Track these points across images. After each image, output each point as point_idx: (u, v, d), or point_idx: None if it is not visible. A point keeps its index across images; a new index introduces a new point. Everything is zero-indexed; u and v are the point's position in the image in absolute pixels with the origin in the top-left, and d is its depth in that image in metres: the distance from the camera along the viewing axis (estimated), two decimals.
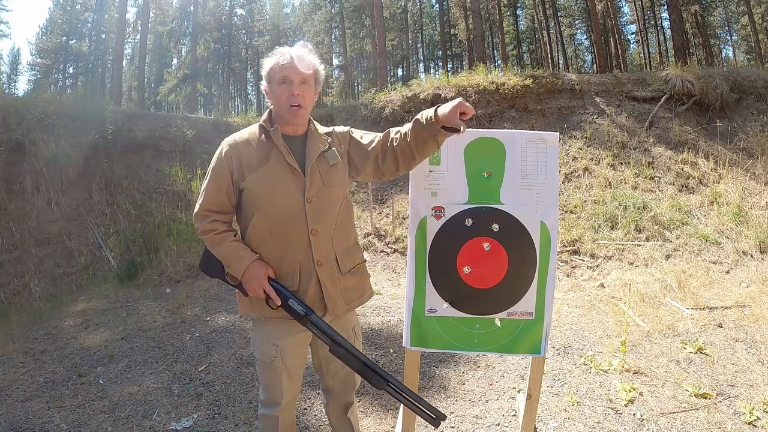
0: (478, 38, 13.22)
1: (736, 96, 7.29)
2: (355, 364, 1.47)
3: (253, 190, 1.47)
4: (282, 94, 1.46)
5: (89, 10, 27.74)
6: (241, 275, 1.47)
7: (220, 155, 1.52)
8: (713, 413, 2.31)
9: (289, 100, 1.45)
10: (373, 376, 1.46)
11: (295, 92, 1.45)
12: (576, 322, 3.64)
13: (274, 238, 1.49)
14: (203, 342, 3.52)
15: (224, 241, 1.50)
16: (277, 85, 1.47)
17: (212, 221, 1.51)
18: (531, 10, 26.77)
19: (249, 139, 1.52)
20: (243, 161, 1.48)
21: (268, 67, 1.49)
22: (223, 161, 1.50)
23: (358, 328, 1.72)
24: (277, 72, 1.46)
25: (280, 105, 1.48)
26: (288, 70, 1.45)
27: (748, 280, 4.32)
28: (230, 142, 1.52)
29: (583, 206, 5.88)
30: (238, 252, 1.48)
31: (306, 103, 1.49)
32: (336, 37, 27.82)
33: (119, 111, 8.36)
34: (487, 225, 1.71)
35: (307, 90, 1.49)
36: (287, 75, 1.45)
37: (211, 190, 1.52)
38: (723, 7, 23.65)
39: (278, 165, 1.48)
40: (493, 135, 1.76)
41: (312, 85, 1.51)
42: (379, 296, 4.45)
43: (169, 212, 6.41)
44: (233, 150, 1.50)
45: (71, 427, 2.44)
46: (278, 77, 1.46)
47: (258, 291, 1.46)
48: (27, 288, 5.16)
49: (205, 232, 1.51)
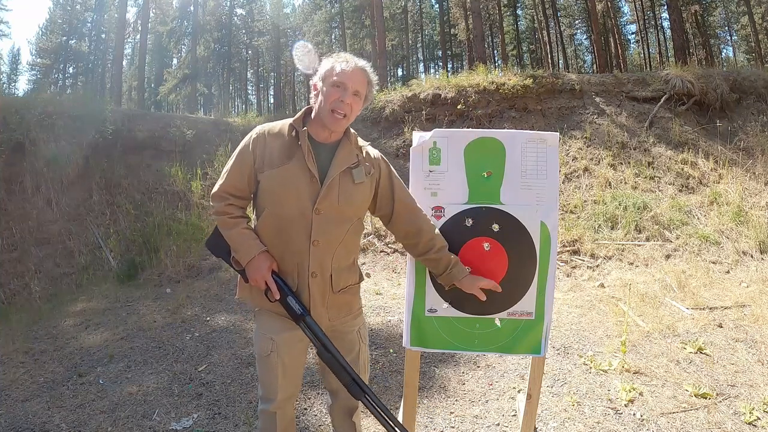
0: (478, 38, 13.22)
1: (736, 96, 7.29)
2: (339, 371, 1.49)
3: (268, 186, 1.48)
4: (331, 96, 1.45)
5: (89, 10, 27.74)
6: (246, 263, 1.48)
7: (248, 141, 1.52)
8: (713, 413, 2.31)
9: (335, 105, 1.45)
10: (353, 385, 1.49)
11: (346, 100, 1.45)
12: (576, 322, 3.64)
13: (278, 237, 1.50)
14: (203, 342, 3.52)
15: (236, 227, 1.51)
16: (331, 86, 1.46)
17: (228, 204, 1.53)
18: (531, 10, 26.76)
19: (279, 133, 1.52)
20: (266, 154, 1.49)
21: (328, 66, 1.49)
22: (249, 148, 1.51)
23: (364, 331, 1.70)
24: (335, 75, 1.46)
25: (326, 105, 1.47)
26: (347, 76, 1.45)
27: (748, 280, 4.32)
28: (260, 131, 1.53)
29: (583, 206, 5.88)
30: (248, 241, 1.49)
31: (351, 114, 1.49)
32: (336, 37, 27.83)
33: (119, 111, 8.36)
34: (487, 225, 1.71)
35: (356, 102, 1.49)
36: (344, 81, 1.45)
37: (233, 173, 1.53)
38: (723, 7, 23.65)
39: (298, 167, 1.47)
40: (493, 135, 1.77)
41: (362, 99, 1.52)
42: (379, 296, 4.45)
43: (169, 212, 6.41)
44: (260, 139, 1.51)
45: (71, 427, 2.44)
46: (334, 79, 1.46)
47: (260, 282, 1.47)
48: (27, 288, 5.16)
49: (219, 213, 1.52)
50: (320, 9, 26.29)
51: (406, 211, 1.61)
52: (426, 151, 1.76)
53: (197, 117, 10.26)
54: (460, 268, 1.63)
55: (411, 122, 7.52)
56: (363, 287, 1.74)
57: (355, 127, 1.68)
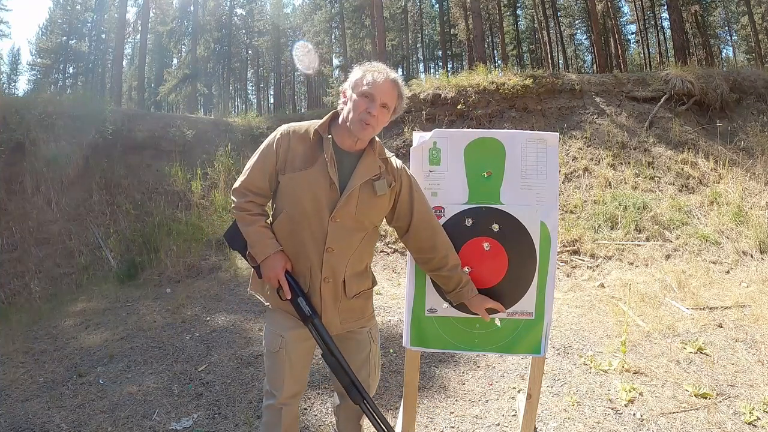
0: (478, 38, 13.21)
1: (736, 96, 7.29)
2: (341, 376, 1.51)
3: (287, 188, 1.49)
4: (360, 105, 1.45)
5: (89, 10, 27.76)
6: (261, 261, 1.50)
7: (273, 140, 1.53)
8: (713, 413, 2.31)
9: (363, 116, 1.45)
10: (353, 390, 1.50)
11: (373, 112, 1.45)
12: (576, 322, 3.64)
13: (293, 239, 1.51)
14: (203, 342, 3.52)
15: (254, 224, 1.52)
16: (360, 96, 1.46)
17: (249, 201, 1.54)
18: (531, 10, 26.77)
19: (304, 135, 1.52)
20: (289, 156, 1.49)
21: (359, 75, 1.49)
22: (273, 147, 1.52)
23: (376, 332, 1.70)
24: (366, 85, 1.46)
25: (354, 115, 1.46)
26: (377, 88, 1.45)
27: (748, 280, 4.32)
28: (285, 131, 1.53)
29: (583, 206, 5.88)
30: (265, 239, 1.50)
31: (378, 126, 1.49)
32: (336, 37, 27.82)
33: (119, 111, 8.35)
34: (487, 225, 1.72)
35: (383, 114, 1.49)
36: (373, 93, 1.45)
37: (256, 171, 1.53)
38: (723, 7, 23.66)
39: (319, 173, 1.47)
40: (493, 135, 1.76)
41: (389, 111, 1.52)
42: (379, 296, 4.45)
43: (169, 212, 6.41)
44: (284, 140, 1.51)
45: (71, 427, 2.44)
46: (364, 89, 1.46)
47: (273, 280, 1.49)
48: (27, 288, 5.16)
49: (239, 209, 1.53)
50: (320, 9, 26.27)
51: (423, 226, 1.59)
52: (426, 151, 1.76)
53: (197, 117, 10.25)
54: (471, 287, 1.64)
55: (411, 122, 7.53)
56: None
57: None
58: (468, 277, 1.65)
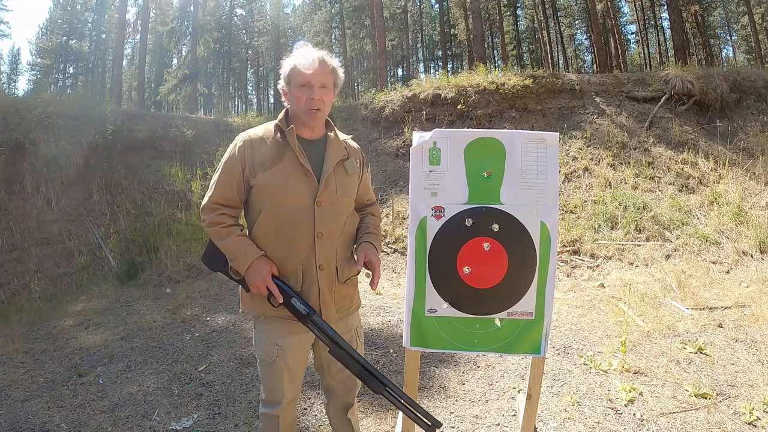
0: (478, 38, 13.21)
1: (736, 96, 7.29)
2: (354, 368, 1.47)
3: (264, 187, 1.48)
4: (301, 97, 1.46)
5: (89, 10, 27.76)
6: (244, 271, 1.47)
7: (234, 150, 1.52)
8: (713, 413, 2.31)
9: (308, 104, 1.46)
10: (372, 380, 1.47)
11: (315, 96, 1.46)
12: (576, 322, 3.64)
13: (279, 236, 1.49)
14: (203, 342, 3.52)
15: (230, 236, 1.49)
16: (297, 87, 1.47)
17: (220, 214, 1.51)
18: (531, 10, 26.78)
19: (264, 136, 1.52)
20: (256, 158, 1.49)
21: (288, 68, 1.49)
22: (236, 156, 1.51)
23: (360, 330, 1.74)
24: (298, 75, 1.46)
25: (299, 107, 1.48)
26: (309, 74, 1.45)
27: (748, 280, 4.31)
28: (245, 138, 1.53)
29: (583, 206, 5.88)
30: (243, 247, 1.47)
31: (325, 107, 1.50)
32: (336, 37, 27.85)
33: (119, 111, 8.36)
34: (487, 225, 1.71)
35: (326, 93, 1.50)
36: (308, 80, 1.45)
37: (222, 183, 1.52)
38: (723, 7, 23.67)
39: (291, 165, 1.48)
40: (493, 135, 1.76)
41: (331, 88, 1.52)
42: (379, 296, 4.45)
43: (169, 212, 6.41)
44: (247, 146, 1.51)
45: (71, 427, 2.44)
46: (298, 80, 1.46)
47: (261, 287, 1.45)
48: (27, 288, 5.16)
49: (211, 224, 1.51)
50: (320, 9, 26.31)
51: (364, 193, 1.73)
52: (426, 151, 1.76)
53: (197, 117, 10.26)
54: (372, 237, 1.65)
55: (411, 122, 7.53)
56: (363, 287, 1.76)
57: (355, 128, 1.69)
58: (373, 235, 1.66)
